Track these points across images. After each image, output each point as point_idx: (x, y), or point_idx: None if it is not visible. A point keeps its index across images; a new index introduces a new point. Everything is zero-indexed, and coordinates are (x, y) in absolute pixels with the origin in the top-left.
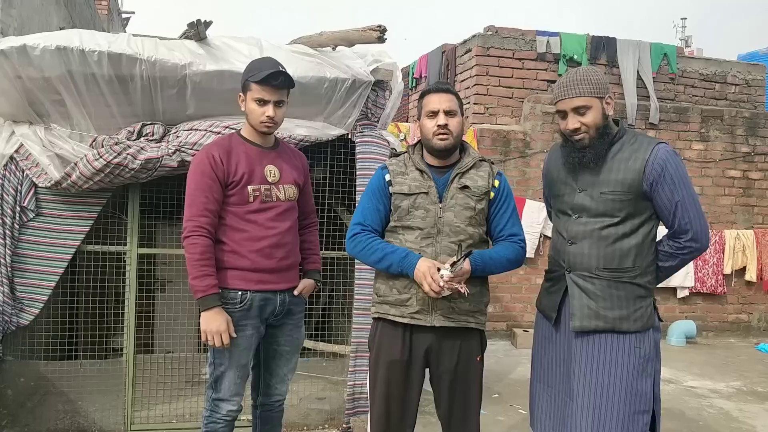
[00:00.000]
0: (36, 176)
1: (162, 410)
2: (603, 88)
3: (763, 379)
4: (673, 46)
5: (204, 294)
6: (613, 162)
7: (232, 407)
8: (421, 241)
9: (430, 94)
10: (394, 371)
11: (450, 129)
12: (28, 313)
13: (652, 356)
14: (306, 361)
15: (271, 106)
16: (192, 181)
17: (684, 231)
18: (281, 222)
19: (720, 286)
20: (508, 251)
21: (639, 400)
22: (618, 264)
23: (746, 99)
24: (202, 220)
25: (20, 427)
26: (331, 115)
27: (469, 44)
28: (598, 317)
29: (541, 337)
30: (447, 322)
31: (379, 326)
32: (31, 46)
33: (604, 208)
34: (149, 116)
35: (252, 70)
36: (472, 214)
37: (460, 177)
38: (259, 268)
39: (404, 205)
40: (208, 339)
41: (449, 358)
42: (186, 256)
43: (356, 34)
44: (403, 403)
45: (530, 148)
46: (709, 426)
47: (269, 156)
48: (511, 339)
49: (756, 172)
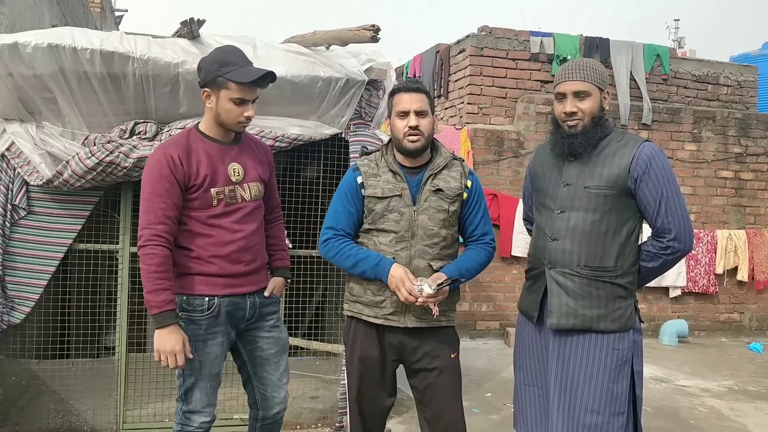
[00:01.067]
0: (27, 174)
1: (154, 409)
2: (604, 80)
3: (754, 378)
4: (666, 47)
5: (159, 310)
6: (599, 157)
7: (204, 419)
8: (395, 245)
9: (401, 93)
10: (368, 366)
11: (421, 130)
12: (20, 311)
13: (630, 358)
14: (299, 360)
15: (251, 106)
16: (148, 185)
17: (667, 230)
18: (247, 224)
19: (712, 285)
20: (480, 256)
21: (614, 402)
22: (600, 262)
23: (738, 100)
24: (160, 228)
25: (11, 426)
26: (325, 114)
27: (463, 44)
28: (576, 316)
29: (523, 337)
30: (420, 323)
31: (353, 324)
32: (22, 44)
33: (587, 204)
34: (142, 114)
35: (226, 66)
36: (446, 216)
37: (432, 178)
38: (226, 273)
39: (378, 208)
40: (161, 359)
41: (426, 356)
42: (141, 267)
43: (350, 34)
44: (375, 397)
45: (524, 148)
46: (701, 425)
47: (231, 153)
48: (504, 338)
49: (748, 172)
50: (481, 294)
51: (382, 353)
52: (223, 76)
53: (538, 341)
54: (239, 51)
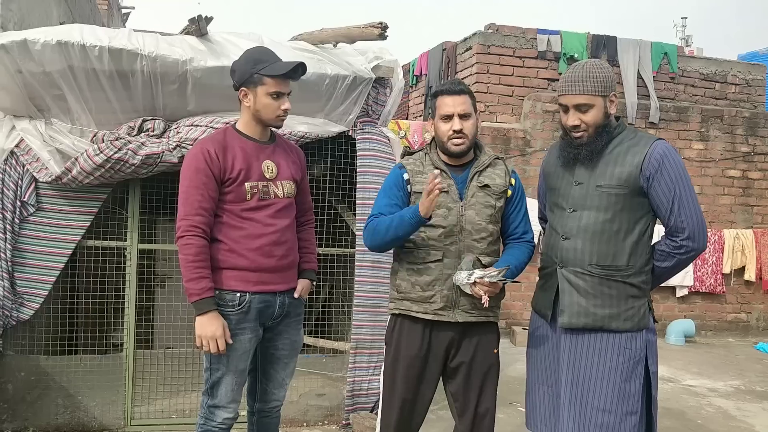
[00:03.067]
0: (36, 171)
1: (162, 405)
2: (607, 86)
3: (762, 379)
4: (673, 45)
5: (199, 297)
6: (611, 156)
7: (228, 414)
8: (444, 239)
9: (444, 96)
10: (413, 366)
11: (465, 132)
12: (29, 307)
13: (643, 357)
14: (306, 357)
15: (287, 98)
16: (186, 178)
17: (681, 229)
18: (280, 219)
19: (719, 285)
20: (525, 255)
21: (626, 401)
22: (612, 261)
23: (746, 99)
24: (197, 219)
25: (20, 422)
26: (332, 111)
27: (470, 42)
28: (588, 315)
29: (536, 336)
30: (469, 317)
31: (398, 322)
32: (31, 41)
33: (599, 202)
34: (150, 112)
35: (260, 63)
36: (493, 212)
37: (478, 175)
38: (259, 267)
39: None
40: (203, 345)
41: (468, 351)
42: (180, 257)
43: (357, 31)
44: (417, 398)
45: (530, 146)
46: (708, 425)
47: (266, 151)
48: (510, 337)
49: (755, 171)
50: None
51: (428, 350)
52: (258, 72)
53: (551, 340)
54: (268, 50)
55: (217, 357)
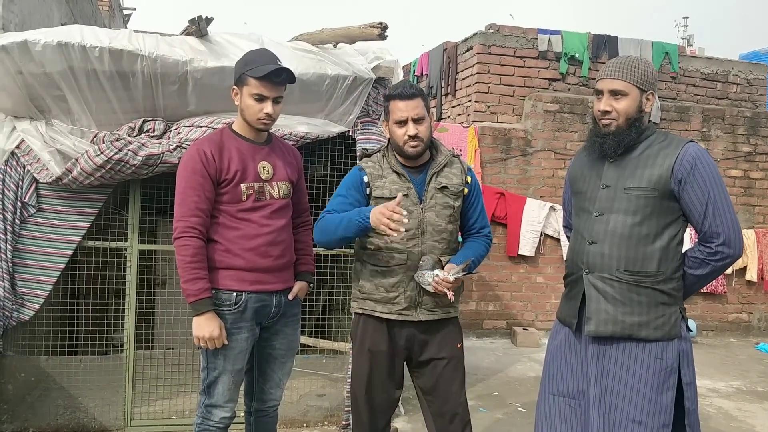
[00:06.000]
0: (37, 172)
1: (162, 406)
2: (647, 81)
3: (763, 379)
4: (674, 45)
5: (196, 298)
6: (640, 158)
7: (225, 414)
8: (407, 242)
9: (396, 101)
10: (378, 360)
11: (420, 136)
12: (29, 308)
13: (676, 368)
14: (306, 358)
15: (270, 103)
16: (182, 179)
17: (716, 234)
18: (276, 220)
19: (720, 285)
20: (482, 248)
21: (659, 413)
22: (641, 267)
23: (748, 98)
24: (194, 220)
25: (20, 422)
26: (332, 112)
27: (471, 42)
28: (615, 322)
29: (558, 346)
30: (432, 315)
31: (361, 320)
32: (32, 42)
33: (627, 206)
34: (150, 112)
35: (249, 64)
36: (452, 212)
37: (436, 176)
38: (255, 267)
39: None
40: (201, 344)
41: (433, 346)
42: (177, 258)
43: (357, 31)
44: (385, 390)
45: (531, 147)
46: (709, 425)
47: (262, 152)
48: (511, 337)
49: (757, 171)
50: (488, 293)
51: (392, 347)
52: (245, 72)
53: (577, 350)
54: (268, 52)
55: (214, 356)
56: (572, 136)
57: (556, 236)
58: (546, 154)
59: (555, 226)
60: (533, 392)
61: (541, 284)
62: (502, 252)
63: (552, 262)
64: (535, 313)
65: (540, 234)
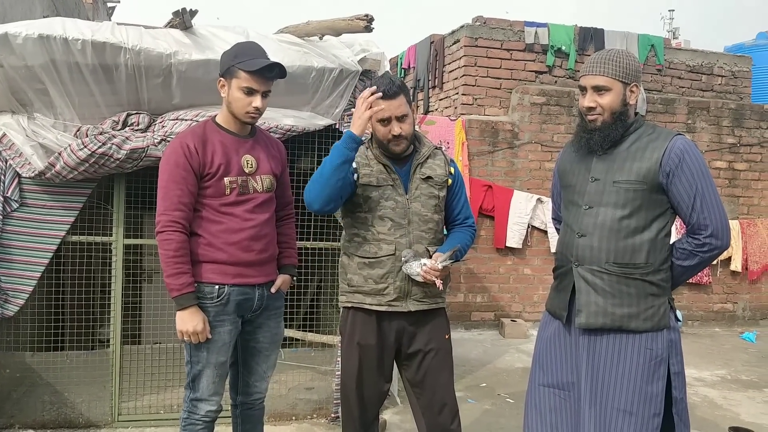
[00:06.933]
0: (20, 166)
1: (149, 401)
2: (629, 74)
3: (747, 368)
4: (660, 37)
5: (179, 293)
6: (628, 151)
7: (210, 407)
8: (394, 232)
9: (378, 101)
10: (368, 353)
11: (404, 135)
12: (13, 304)
13: (665, 358)
14: (294, 351)
15: (259, 97)
16: (165, 173)
17: (703, 226)
18: (259, 214)
19: (705, 276)
20: (467, 238)
21: (650, 403)
22: (630, 259)
23: (732, 90)
24: (177, 214)
25: (6, 419)
26: (319, 104)
27: (458, 35)
28: (606, 314)
29: (547, 338)
30: (421, 305)
31: (350, 314)
32: (13, 35)
33: (616, 199)
34: (134, 106)
35: (240, 56)
36: (437, 202)
37: (420, 167)
38: (238, 261)
39: (374, 195)
40: (184, 338)
41: (422, 337)
42: (160, 253)
43: (343, 24)
44: (374, 383)
45: (518, 139)
46: (694, 413)
47: (246, 145)
48: (498, 329)
49: (741, 163)
50: (476, 285)
51: (381, 339)
52: (235, 65)
53: (567, 341)
54: (257, 45)
55: (197, 350)
56: (559, 129)
57: (543, 228)
58: (533, 147)
59: (542, 218)
60: (521, 383)
61: (528, 276)
62: (490, 244)
63: (539, 254)
64: (523, 304)
65: (527, 226)
